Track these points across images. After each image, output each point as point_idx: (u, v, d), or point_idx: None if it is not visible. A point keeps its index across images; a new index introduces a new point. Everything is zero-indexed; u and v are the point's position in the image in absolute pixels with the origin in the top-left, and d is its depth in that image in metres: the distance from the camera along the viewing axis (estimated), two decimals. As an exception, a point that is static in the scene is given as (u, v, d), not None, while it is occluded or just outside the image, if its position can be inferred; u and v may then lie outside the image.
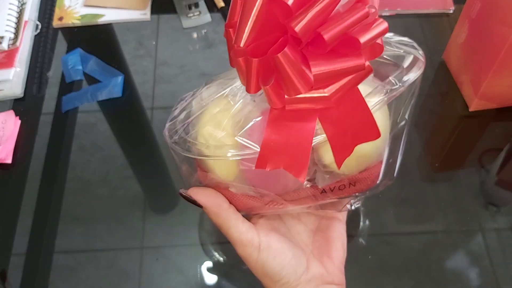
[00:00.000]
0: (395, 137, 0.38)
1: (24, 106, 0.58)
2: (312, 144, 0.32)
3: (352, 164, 0.34)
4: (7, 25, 0.62)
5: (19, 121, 0.56)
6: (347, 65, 0.29)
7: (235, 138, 0.33)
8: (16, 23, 0.63)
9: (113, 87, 0.58)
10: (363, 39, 0.28)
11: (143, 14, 0.65)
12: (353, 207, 0.39)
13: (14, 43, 0.62)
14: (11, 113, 0.57)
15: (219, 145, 0.33)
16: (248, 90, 0.31)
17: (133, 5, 0.66)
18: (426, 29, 0.64)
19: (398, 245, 0.49)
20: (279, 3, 0.27)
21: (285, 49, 0.28)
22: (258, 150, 0.32)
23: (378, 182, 0.38)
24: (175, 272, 0.47)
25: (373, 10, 0.29)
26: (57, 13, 0.66)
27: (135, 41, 0.64)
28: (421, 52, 0.36)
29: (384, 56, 0.36)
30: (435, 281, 0.46)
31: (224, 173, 0.35)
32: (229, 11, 0.31)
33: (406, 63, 0.36)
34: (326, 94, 0.30)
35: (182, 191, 0.35)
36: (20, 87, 0.59)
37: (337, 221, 0.38)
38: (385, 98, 0.34)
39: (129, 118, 0.59)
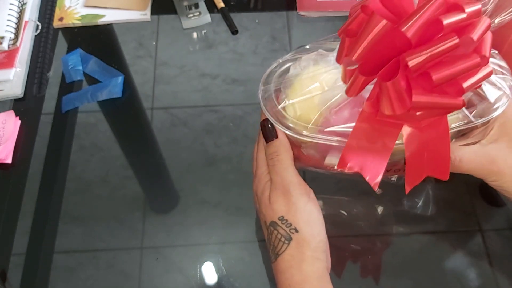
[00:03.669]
0: None
1: (24, 106, 0.58)
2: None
3: None
4: (8, 25, 0.62)
5: (19, 121, 0.56)
6: (446, 102, 0.31)
7: (326, 129, 0.37)
8: (16, 24, 0.63)
9: (113, 87, 0.58)
10: (466, 84, 0.30)
11: (143, 14, 0.66)
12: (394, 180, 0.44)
13: (14, 43, 0.62)
14: (11, 113, 0.57)
15: (306, 126, 0.37)
16: (347, 93, 0.34)
17: (133, 5, 0.66)
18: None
19: (398, 245, 0.49)
20: (399, 34, 0.29)
21: (397, 77, 0.30)
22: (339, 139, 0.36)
23: None
24: (175, 272, 0.47)
25: (485, 59, 0.30)
26: (57, 13, 0.66)
27: (135, 42, 0.64)
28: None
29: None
30: (434, 281, 0.46)
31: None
32: (349, 19, 0.33)
33: (493, 98, 0.37)
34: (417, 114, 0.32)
35: (265, 120, 0.39)
36: (20, 87, 0.59)
37: None
38: (464, 127, 0.37)
39: (129, 118, 0.59)
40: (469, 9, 0.29)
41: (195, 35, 0.65)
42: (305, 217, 0.37)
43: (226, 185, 0.52)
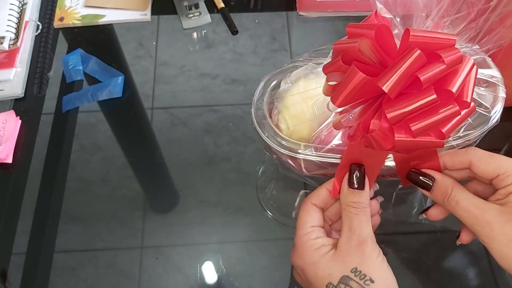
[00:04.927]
0: None
1: (24, 106, 0.58)
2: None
3: None
4: (8, 26, 0.62)
5: (20, 121, 0.56)
6: (427, 141, 0.32)
7: (322, 151, 0.39)
8: (17, 24, 0.63)
9: (114, 87, 0.59)
10: (446, 129, 0.32)
11: (143, 14, 0.66)
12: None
13: (14, 43, 0.62)
14: (11, 113, 0.57)
15: (300, 144, 0.40)
16: (335, 127, 0.37)
17: (134, 5, 0.66)
18: (425, 30, 0.64)
19: (398, 245, 0.49)
20: (378, 88, 0.30)
21: (378, 129, 0.32)
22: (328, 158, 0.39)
23: None
24: (175, 272, 0.47)
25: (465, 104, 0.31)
26: (57, 13, 0.66)
27: (135, 42, 0.64)
28: (503, 93, 0.39)
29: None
30: (434, 281, 0.46)
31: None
32: (332, 57, 0.34)
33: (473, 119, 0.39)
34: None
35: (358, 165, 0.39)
36: (21, 87, 0.59)
37: None
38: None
39: (129, 118, 0.59)
40: (448, 58, 0.29)
41: (195, 35, 0.65)
42: (378, 266, 0.35)
43: (226, 185, 0.52)
